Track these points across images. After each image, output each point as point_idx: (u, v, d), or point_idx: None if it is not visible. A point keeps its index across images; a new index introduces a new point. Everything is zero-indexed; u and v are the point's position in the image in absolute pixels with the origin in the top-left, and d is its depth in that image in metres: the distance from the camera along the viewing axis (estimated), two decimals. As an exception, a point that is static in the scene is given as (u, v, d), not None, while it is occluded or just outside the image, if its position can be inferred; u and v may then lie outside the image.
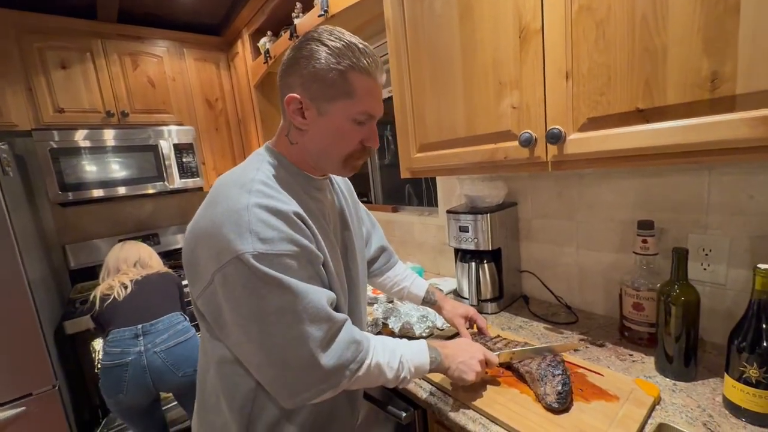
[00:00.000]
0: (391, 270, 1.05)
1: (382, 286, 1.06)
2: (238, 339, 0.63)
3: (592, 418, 0.69)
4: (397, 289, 1.04)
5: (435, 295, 1.02)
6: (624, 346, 0.94)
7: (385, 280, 1.04)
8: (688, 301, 0.77)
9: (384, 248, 1.05)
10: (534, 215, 1.26)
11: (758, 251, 0.83)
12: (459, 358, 0.76)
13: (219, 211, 0.61)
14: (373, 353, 0.66)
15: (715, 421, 0.67)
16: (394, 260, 1.06)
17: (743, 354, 0.66)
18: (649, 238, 0.91)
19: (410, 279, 1.04)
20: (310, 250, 0.64)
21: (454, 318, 0.97)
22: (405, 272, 1.06)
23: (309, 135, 0.68)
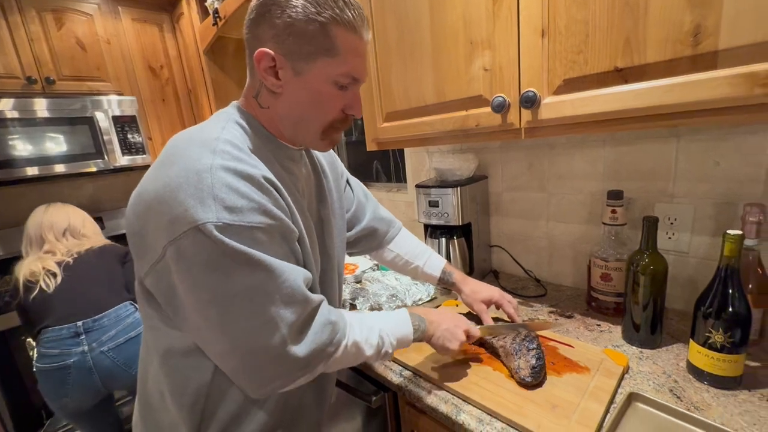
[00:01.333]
0: (396, 243, 0.93)
1: (394, 264, 0.95)
2: (196, 324, 0.54)
3: (564, 391, 0.67)
4: (411, 267, 0.93)
5: (453, 275, 0.91)
6: (592, 317, 0.95)
7: (396, 258, 0.93)
8: (656, 270, 0.76)
9: (381, 218, 0.92)
10: (504, 188, 1.23)
11: (721, 218, 0.84)
12: (443, 326, 0.71)
13: (174, 173, 0.50)
14: (350, 332, 0.60)
15: (680, 386, 0.68)
16: (395, 230, 0.94)
17: (709, 320, 0.66)
18: (618, 209, 0.90)
19: (424, 257, 0.92)
20: (285, 224, 0.55)
21: (473, 303, 0.87)
22: (418, 248, 0.94)
23: (283, 99, 0.58)
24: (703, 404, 0.64)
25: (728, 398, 0.64)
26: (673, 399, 0.65)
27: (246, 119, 0.60)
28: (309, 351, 0.54)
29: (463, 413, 0.68)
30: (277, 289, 0.52)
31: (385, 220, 0.93)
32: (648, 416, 0.62)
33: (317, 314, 0.57)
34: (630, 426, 0.61)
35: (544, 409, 0.64)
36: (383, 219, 0.93)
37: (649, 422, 0.61)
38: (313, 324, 0.56)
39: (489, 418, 0.65)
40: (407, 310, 0.70)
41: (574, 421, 0.61)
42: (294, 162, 0.65)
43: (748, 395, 0.65)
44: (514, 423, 0.62)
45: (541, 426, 0.60)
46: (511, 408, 0.65)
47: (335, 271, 0.76)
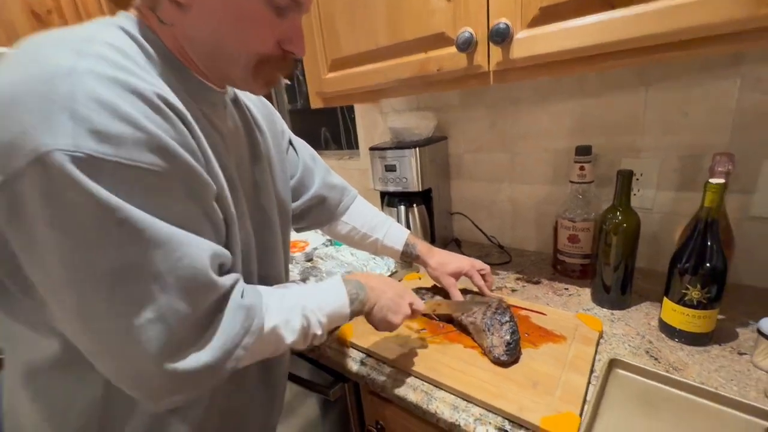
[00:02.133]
0: (351, 214, 0.79)
1: (349, 239, 0.81)
2: (53, 310, 0.38)
3: (543, 364, 0.61)
4: (369, 241, 0.79)
5: (417, 247, 0.79)
6: (559, 281, 0.91)
7: (351, 232, 0.79)
8: (629, 227, 0.72)
9: (332, 185, 0.77)
10: (466, 149, 1.14)
11: (686, 171, 0.81)
12: (388, 293, 0.59)
13: (16, 78, 0.33)
14: (267, 316, 0.46)
15: (656, 347, 0.65)
16: (350, 199, 0.80)
17: (685, 277, 0.62)
18: (586, 165, 0.84)
19: (383, 228, 0.79)
20: (194, 171, 0.39)
21: (441, 277, 0.77)
22: (376, 219, 0.80)
23: (193, 15, 0.41)
24: (680, 364, 0.61)
25: (702, 355, 0.62)
26: (651, 361, 0.62)
27: (143, 32, 0.41)
28: (214, 353, 0.40)
29: (435, 400, 0.59)
30: (169, 269, 0.36)
31: (337, 187, 0.79)
32: (630, 383, 0.58)
33: (227, 303, 0.42)
34: (614, 395, 0.56)
35: (524, 388, 0.57)
36: (335, 186, 0.78)
37: (632, 389, 0.57)
38: (220, 317, 0.41)
39: (465, 403, 0.57)
40: (342, 277, 0.57)
41: (557, 397, 0.54)
42: (214, 108, 0.48)
43: (720, 350, 0.63)
44: (493, 407, 0.55)
45: (523, 408, 0.53)
46: (488, 390, 0.57)
47: (279, 248, 0.62)
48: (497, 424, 0.53)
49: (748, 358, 0.60)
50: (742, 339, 0.65)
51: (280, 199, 0.63)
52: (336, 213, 0.78)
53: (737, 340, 0.65)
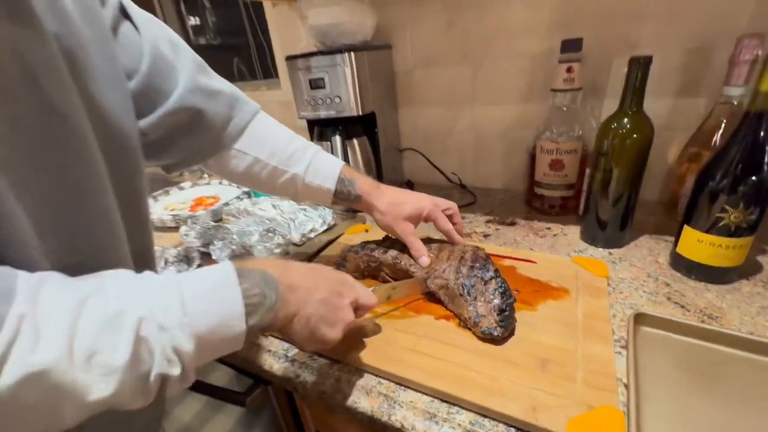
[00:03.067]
0: (249, 139, 0.49)
1: (252, 178, 0.52)
2: None
3: (548, 332, 0.43)
4: (284, 180, 0.51)
5: (357, 183, 0.53)
6: (537, 219, 0.73)
7: (254, 166, 0.50)
8: (641, 139, 0.54)
9: (213, 91, 0.45)
10: (416, 62, 0.88)
11: (690, 70, 0.65)
12: (316, 293, 0.36)
13: None
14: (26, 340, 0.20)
15: (676, 291, 0.50)
16: (246, 115, 0.49)
17: (721, 197, 0.46)
18: (575, 65, 0.64)
19: (303, 159, 0.51)
20: None
21: (394, 224, 0.53)
22: (291, 145, 0.51)
23: None
24: (714, 310, 0.46)
25: (734, 295, 0.48)
26: (679, 310, 0.46)
27: None
28: None
29: (401, 407, 0.38)
30: None
31: (222, 95, 0.47)
32: (665, 344, 0.42)
33: None
34: (652, 366, 0.39)
35: (530, 373, 0.38)
36: (218, 93, 0.46)
37: (671, 352, 0.40)
38: None
39: (446, 408, 0.37)
40: (232, 263, 0.31)
41: (582, 382, 0.36)
42: None
43: (751, 286, 0.49)
44: (491, 410, 0.35)
45: (537, 407, 0.34)
46: (480, 383, 0.37)
47: (109, 207, 0.33)
48: (500, 437, 0.34)
49: (786, 292, 0.48)
50: (769, 269, 0.52)
51: (102, 113, 0.33)
52: (223, 137, 0.48)
53: (765, 272, 0.52)
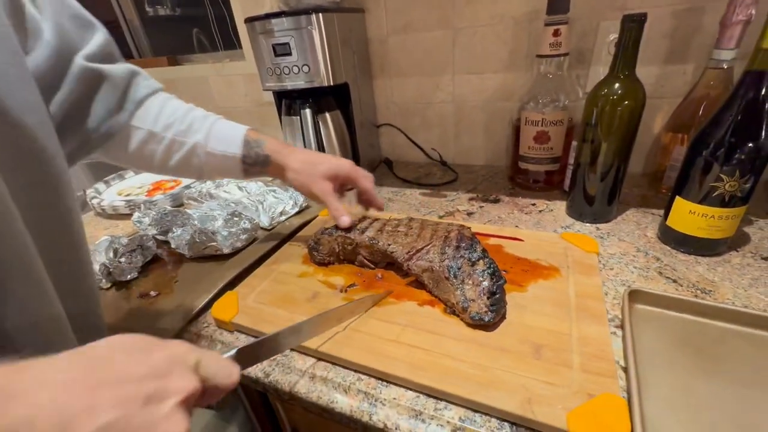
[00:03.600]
0: (142, 112, 0.43)
1: (147, 158, 0.45)
2: None
3: (540, 315, 0.39)
4: (184, 152, 0.45)
5: (264, 143, 0.48)
6: (522, 196, 0.70)
7: (148, 141, 0.44)
8: (633, 106, 0.50)
9: (103, 52, 0.40)
10: (391, 29, 0.81)
11: (680, 34, 0.62)
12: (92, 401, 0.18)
13: None
14: None
15: (667, 265, 0.48)
16: (144, 89, 0.43)
17: (714, 166, 0.44)
18: (562, 27, 0.59)
19: (203, 127, 0.46)
20: None
21: (311, 183, 0.48)
22: (189, 115, 0.46)
23: None
24: (706, 283, 0.44)
25: (725, 267, 0.47)
26: (671, 285, 0.44)
27: None
28: None
29: (383, 405, 0.34)
30: None
31: (115, 71, 0.41)
32: (661, 322, 0.39)
33: None
34: (650, 347, 0.36)
35: (524, 360, 0.34)
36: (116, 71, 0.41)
37: (667, 330, 0.38)
38: None
39: (433, 404, 0.33)
40: None
41: (579, 368, 0.33)
42: None
43: (740, 257, 0.48)
44: (483, 405, 0.32)
45: (533, 399, 0.31)
46: (470, 376, 0.34)
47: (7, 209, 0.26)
48: (493, 433, 0.31)
49: (775, 263, 0.46)
50: (757, 240, 0.51)
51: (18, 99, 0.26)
52: (122, 113, 0.41)
53: (752, 242, 0.51)
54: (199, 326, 0.46)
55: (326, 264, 0.53)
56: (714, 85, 0.56)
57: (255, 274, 0.52)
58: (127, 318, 0.49)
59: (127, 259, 0.58)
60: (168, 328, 0.45)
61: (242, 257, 0.57)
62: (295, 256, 0.56)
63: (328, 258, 0.52)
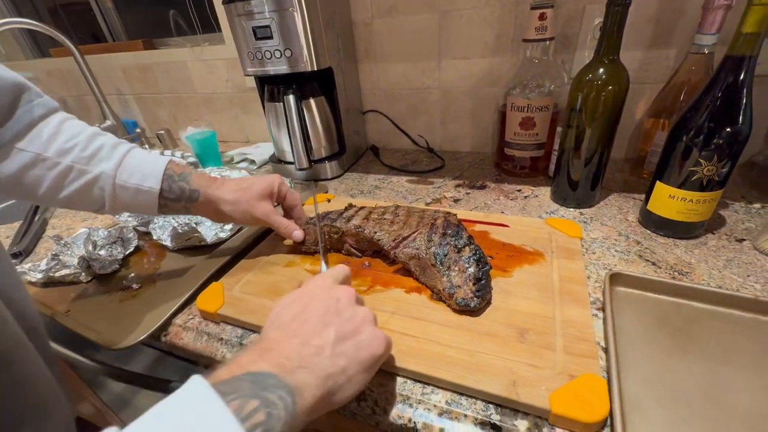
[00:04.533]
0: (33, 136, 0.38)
1: (26, 183, 0.39)
2: None
3: (525, 299, 0.40)
4: (83, 184, 0.40)
5: (190, 179, 0.45)
6: (508, 182, 0.71)
7: (32, 164, 0.38)
8: (616, 91, 0.50)
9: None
10: (376, 11, 0.79)
11: (664, 18, 0.62)
12: (322, 340, 0.26)
13: None
14: None
15: (647, 248, 0.49)
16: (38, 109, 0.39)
17: (694, 151, 0.45)
18: (548, 11, 0.59)
19: (114, 156, 0.41)
20: None
21: (253, 209, 0.47)
22: (95, 141, 0.41)
23: None
24: (683, 265, 0.46)
25: (701, 249, 0.48)
26: (650, 268, 0.46)
27: None
28: None
29: (371, 392, 0.34)
30: None
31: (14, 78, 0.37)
32: (640, 303, 0.41)
33: None
34: (629, 328, 0.38)
35: (509, 344, 0.35)
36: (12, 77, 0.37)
37: (646, 312, 0.39)
38: None
39: (420, 389, 0.34)
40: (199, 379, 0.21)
41: (562, 350, 0.34)
42: None
43: (716, 240, 0.50)
44: (469, 389, 0.32)
45: (517, 381, 0.32)
46: (456, 360, 0.34)
47: None
48: (478, 415, 0.31)
49: (749, 244, 0.48)
50: (731, 223, 0.53)
51: None
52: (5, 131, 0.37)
53: (727, 225, 0.52)
54: (184, 318, 0.46)
55: (312, 253, 0.52)
56: (695, 70, 0.57)
57: (240, 265, 0.51)
58: (108, 312, 0.48)
59: (107, 252, 0.56)
60: (152, 320, 0.44)
61: (227, 248, 0.56)
62: (281, 245, 0.55)
63: (314, 247, 0.52)
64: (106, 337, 0.43)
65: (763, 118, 0.61)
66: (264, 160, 0.92)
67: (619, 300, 0.41)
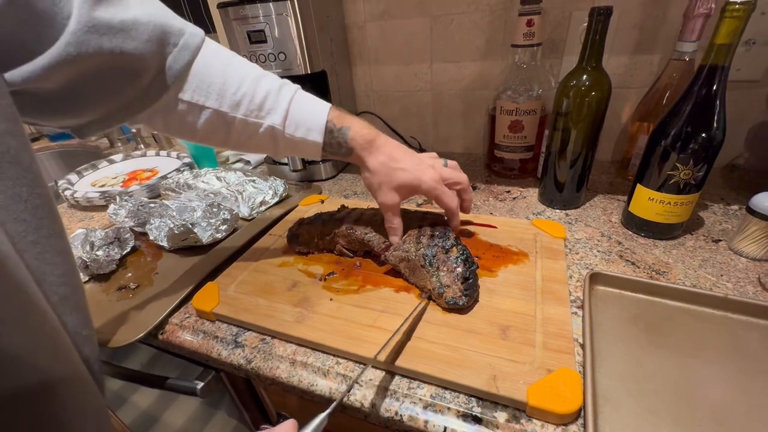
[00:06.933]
0: (194, 82, 0.37)
1: (213, 136, 0.41)
2: None
3: (509, 298, 0.42)
4: (258, 135, 0.41)
5: (348, 133, 0.43)
6: (497, 183, 0.72)
7: (212, 120, 0.39)
8: (599, 97, 0.52)
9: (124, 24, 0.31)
10: (369, 15, 0.80)
11: (648, 25, 0.64)
12: None
13: None
14: None
15: (627, 248, 0.51)
16: (186, 51, 0.36)
17: (672, 155, 0.46)
18: (535, 18, 0.61)
19: (280, 105, 0.41)
20: None
21: (379, 190, 0.46)
22: (260, 87, 0.40)
23: None
24: (661, 265, 0.48)
25: (679, 250, 0.50)
26: (630, 267, 0.48)
27: None
28: None
29: (360, 387, 0.36)
30: None
31: (142, 26, 0.32)
32: (617, 302, 0.42)
33: None
34: (606, 325, 0.40)
35: (491, 341, 0.37)
36: (135, 25, 0.31)
37: (623, 310, 0.41)
38: None
39: (407, 384, 0.36)
40: None
41: (541, 346, 0.36)
42: None
43: (694, 240, 0.52)
44: (453, 383, 0.34)
45: (498, 376, 0.33)
46: (441, 357, 0.36)
47: None
48: (460, 408, 0.33)
49: (724, 245, 0.50)
50: (709, 224, 0.55)
51: None
52: (156, 86, 0.35)
53: (705, 226, 0.54)
54: (180, 317, 0.47)
55: (305, 253, 0.54)
56: (677, 76, 0.59)
57: (235, 265, 0.53)
58: (106, 311, 0.49)
59: (104, 252, 0.57)
60: (149, 319, 0.46)
61: (222, 248, 0.58)
62: (275, 246, 0.57)
63: (307, 247, 0.53)
64: (104, 336, 0.44)
65: (742, 122, 0.63)
66: (259, 161, 0.94)
67: (597, 298, 0.43)
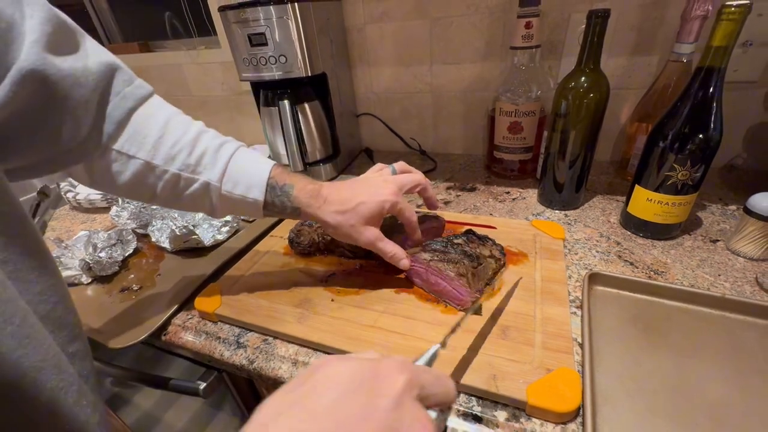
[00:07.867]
0: (130, 133, 0.36)
1: (141, 190, 0.38)
2: None
3: (510, 300, 0.42)
4: (192, 191, 0.39)
5: (292, 192, 0.40)
6: (497, 184, 0.73)
7: (143, 173, 0.37)
8: (597, 99, 0.53)
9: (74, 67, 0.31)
10: (368, 17, 0.81)
11: (646, 27, 0.64)
12: None
13: None
14: None
15: (626, 249, 0.51)
16: (130, 99, 0.36)
17: (670, 155, 0.47)
18: (533, 20, 0.61)
19: (218, 161, 0.39)
20: None
21: (357, 235, 0.42)
22: (199, 142, 0.38)
23: None
24: (659, 265, 0.48)
25: (677, 250, 0.50)
26: (628, 268, 0.48)
27: None
28: None
29: (362, 386, 0.37)
30: None
31: (90, 73, 0.33)
32: (616, 301, 0.43)
33: None
34: (605, 324, 0.40)
35: (491, 341, 0.37)
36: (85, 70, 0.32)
37: (621, 309, 0.42)
38: None
39: (408, 384, 0.36)
40: None
41: (541, 346, 0.36)
42: None
43: (692, 240, 0.52)
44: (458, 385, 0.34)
45: (498, 375, 0.34)
46: (442, 357, 0.36)
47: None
48: (461, 407, 0.34)
49: (722, 245, 0.50)
50: (707, 224, 0.55)
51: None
52: (92, 135, 0.34)
53: (703, 226, 0.55)
54: (183, 318, 0.47)
55: (307, 254, 0.54)
56: (675, 77, 0.59)
57: (237, 266, 0.53)
58: (109, 312, 0.50)
59: (107, 254, 0.58)
60: (152, 320, 0.46)
61: (224, 249, 0.58)
62: (276, 247, 0.57)
63: (308, 249, 0.54)
64: (107, 337, 0.44)
65: (739, 123, 0.64)
66: (260, 163, 0.94)
67: (596, 299, 0.43)
